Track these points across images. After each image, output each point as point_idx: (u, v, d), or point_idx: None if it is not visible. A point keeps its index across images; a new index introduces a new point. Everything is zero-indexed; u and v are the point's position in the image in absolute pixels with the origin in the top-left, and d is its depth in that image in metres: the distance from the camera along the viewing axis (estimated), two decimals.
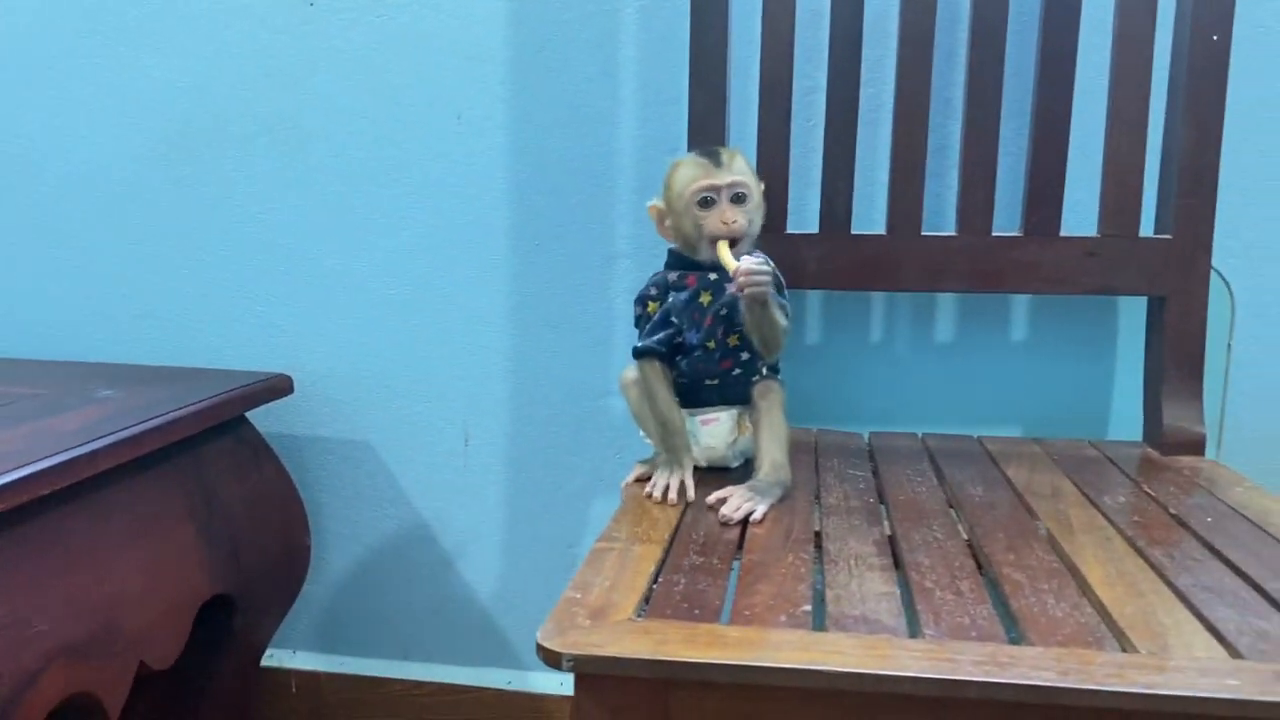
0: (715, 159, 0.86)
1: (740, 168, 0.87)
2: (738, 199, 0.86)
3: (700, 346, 0.88)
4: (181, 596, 0.99)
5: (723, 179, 0.85)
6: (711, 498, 0.82)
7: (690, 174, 0.86)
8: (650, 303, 0.90)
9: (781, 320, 0.85)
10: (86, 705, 0.86)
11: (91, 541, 0.89)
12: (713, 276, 0.87)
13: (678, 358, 0.89)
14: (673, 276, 0.89)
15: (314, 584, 1.32)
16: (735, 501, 0.80)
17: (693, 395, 0.90)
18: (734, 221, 0.85)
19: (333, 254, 1.25)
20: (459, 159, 1.20)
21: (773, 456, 0.85)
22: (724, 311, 0.87)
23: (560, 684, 1.29)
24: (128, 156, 1.27)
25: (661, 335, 0.88)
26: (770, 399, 0.88)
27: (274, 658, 1.34)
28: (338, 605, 1.33)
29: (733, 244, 0.85)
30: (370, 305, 1.25)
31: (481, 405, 1.25)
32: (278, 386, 1.18)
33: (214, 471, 1.08)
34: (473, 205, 1.21)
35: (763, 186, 0.90)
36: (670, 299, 0.89)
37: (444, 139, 1.20)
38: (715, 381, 0.89)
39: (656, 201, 0.90)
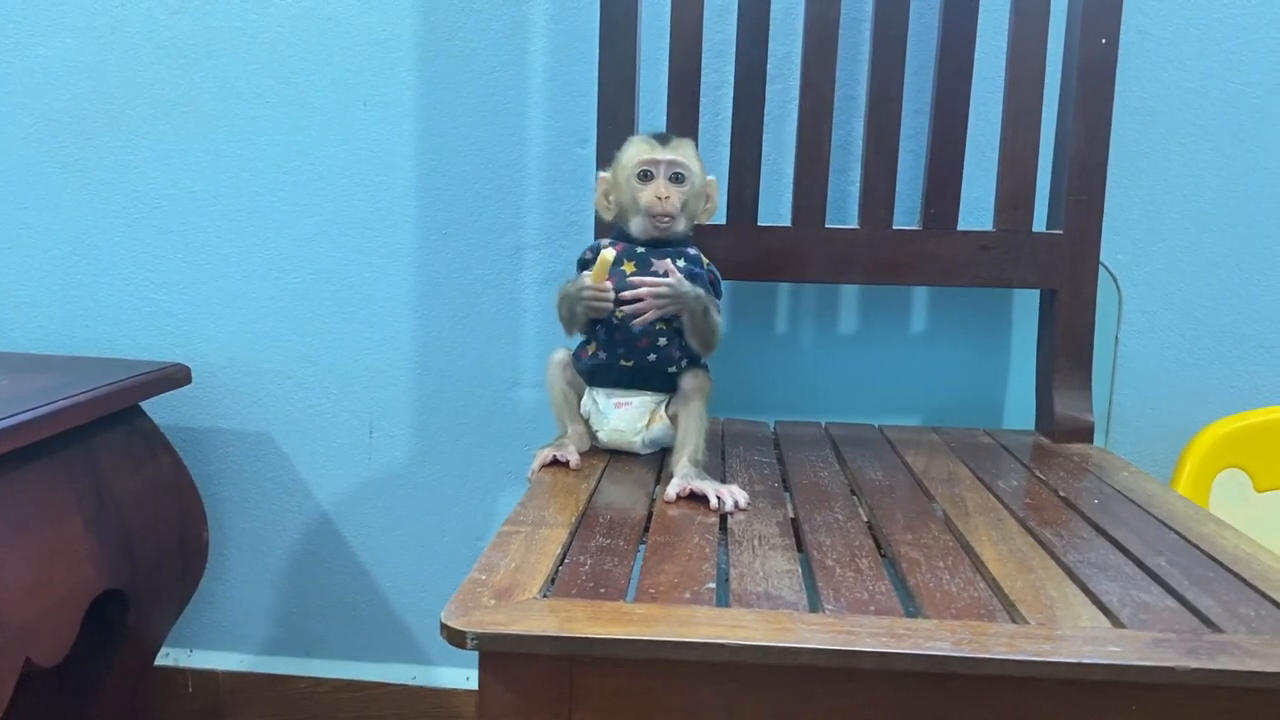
0: (663, 139, 0.90)
1: (685, 153, 0.89)
2: (676, 178, 0.88)
3: (611, 315, 0.88)
4: (70, 591, 0.95)
5: (663, 156, 0.88)
6: (674, 492, 0.80)
7: (636, 149, 0.90)
8: (582, 267, 0.92)
9: (717, 321, 0.88)
10: None
11: None
12: (639, 249, 0.89)
13: (597, 325, 0.89)
14: (604, 242, 0.91)
15: (212, 580, 1.28)
16: (726, 492, 0.79)
17: (606, 373, 0.90)
18: (666, 197, 0.87)
19: (233, 241, 1.22)
20: (365, 146, 1.18)
21: (696, 443, 0.85)
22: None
23: (466, 678, 1.28)
24: (13, 138, 1.22)
25: None
26: (697, 389, 0.89)
27: (169, 656, 1.30)
28: (237, 602, 1.29)
29: (663, 218, 0.87)
30: (272, 294, 1.22)
31: (386, 397, 1.23)
32: (174, 376, 1.14)
33: (106, 463, 1.04)
34: (379, 193, 1.19)
35: (712, 180, 0.93)
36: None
37: (349, 125, 1.18)
38: (630, 363, 0.89)
39: (606, 173, 0.93)
